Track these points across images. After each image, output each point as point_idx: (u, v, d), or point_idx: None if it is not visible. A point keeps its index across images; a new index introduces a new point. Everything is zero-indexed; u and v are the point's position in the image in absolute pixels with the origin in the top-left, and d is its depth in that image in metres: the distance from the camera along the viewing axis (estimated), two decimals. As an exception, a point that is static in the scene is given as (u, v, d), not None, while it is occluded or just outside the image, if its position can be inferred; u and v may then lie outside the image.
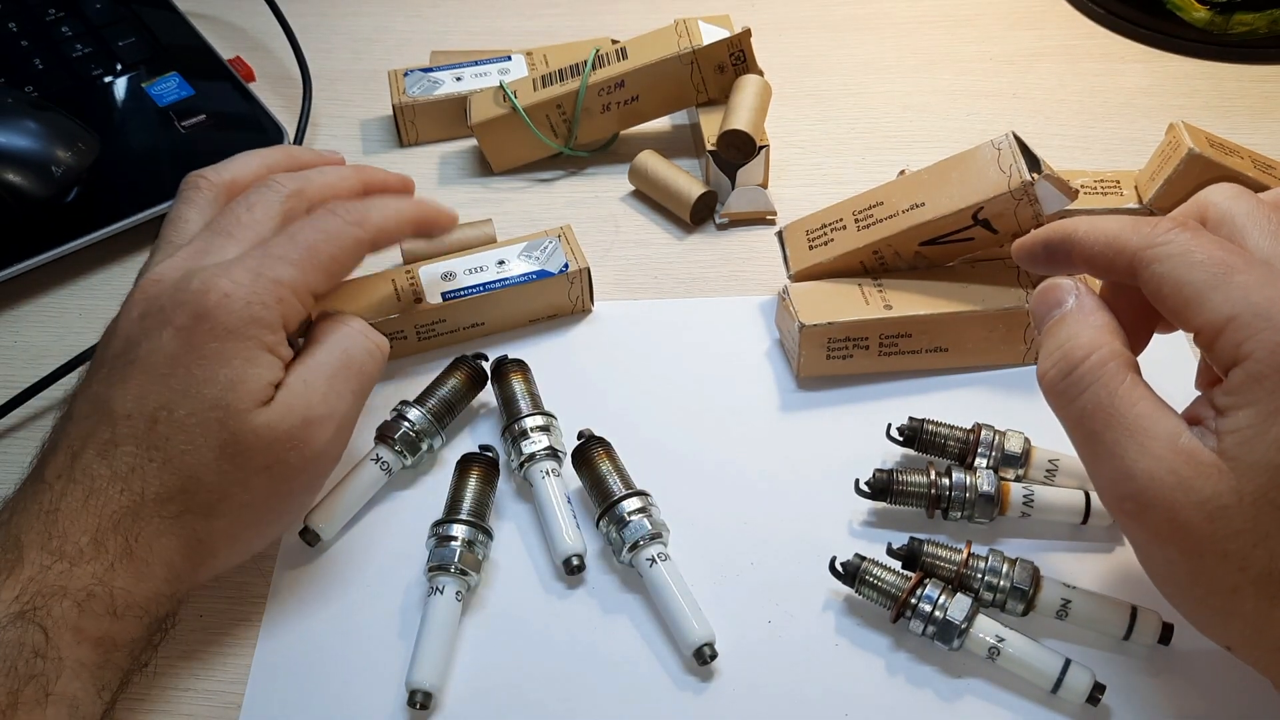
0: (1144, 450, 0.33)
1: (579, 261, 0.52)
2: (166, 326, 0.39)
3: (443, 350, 0.51)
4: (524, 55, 0.64)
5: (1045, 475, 0.45)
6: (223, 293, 0.39)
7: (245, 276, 0.40)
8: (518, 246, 0.52)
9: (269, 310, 0.40)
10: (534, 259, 0.51)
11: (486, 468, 0.45)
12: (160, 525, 0.38)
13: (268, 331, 0.40)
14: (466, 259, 0.52)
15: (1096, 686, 0.38)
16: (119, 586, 0.37)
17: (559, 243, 0.52)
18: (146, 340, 0.39)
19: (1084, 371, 0.35)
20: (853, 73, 0.67)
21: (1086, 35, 0.70)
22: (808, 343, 0.48)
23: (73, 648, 0.35)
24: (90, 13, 0.67)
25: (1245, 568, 0.32)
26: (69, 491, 0.37)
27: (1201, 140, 0.50)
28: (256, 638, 0.42)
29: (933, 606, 0.40)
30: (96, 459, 0.38)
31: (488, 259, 0.52)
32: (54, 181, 0.55)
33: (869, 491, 0.44)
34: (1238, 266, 0.33)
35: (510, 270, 0.51)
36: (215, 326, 0.39)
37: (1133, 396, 0.34)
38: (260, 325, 0.40)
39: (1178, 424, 0.33)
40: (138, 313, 0.41)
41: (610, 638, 0.42)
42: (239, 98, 0.63)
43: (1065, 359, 0.35)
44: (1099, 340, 0.35)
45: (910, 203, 0.50)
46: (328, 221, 0.43)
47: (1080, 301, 0.36)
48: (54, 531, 0.37)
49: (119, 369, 0.39)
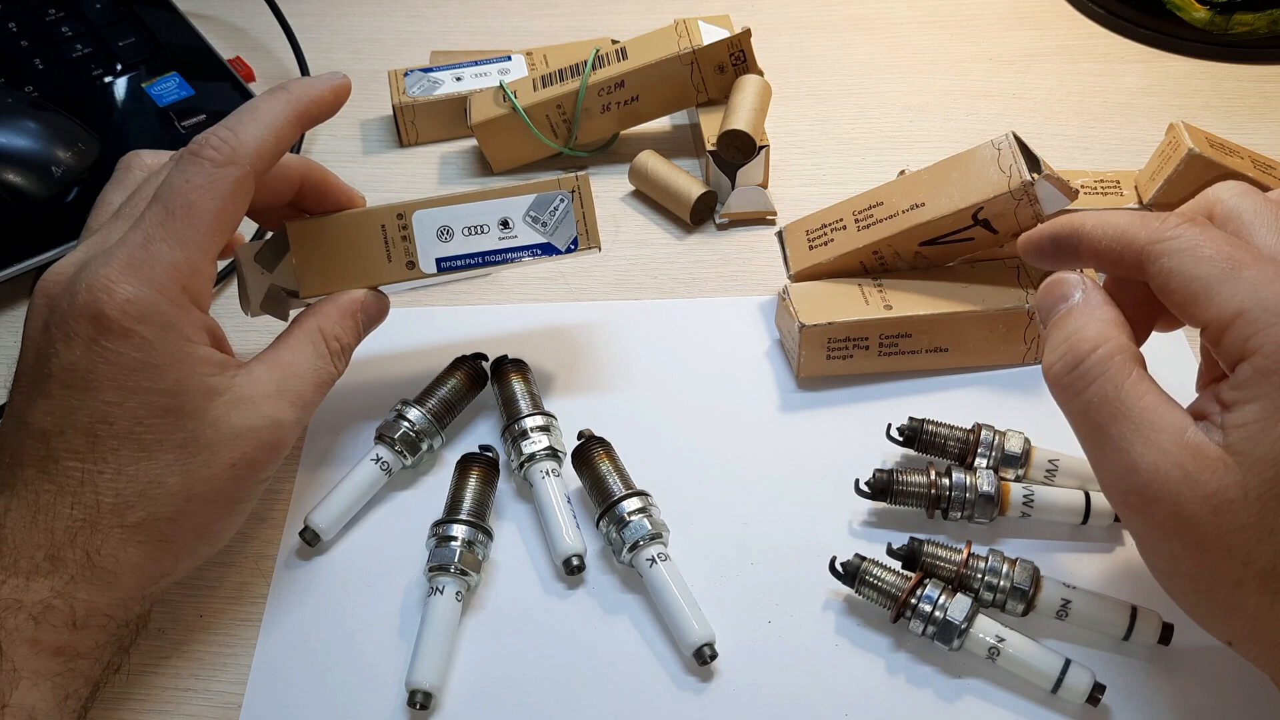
0: (1150, 443, 0.33)
1: (591, 236, 0.46)
2: (74, 339, 0.37)
3: (430, 308, 0.49)
4: (524, 55, 0.64)
5: (1045, 475, 0.45)
6: (122, 299, 0.36)
7: (135, 275, 0.37)
8: (525, 200, 0.46)
9: (174, 304, 0.37)
10: (541, 224, 0.46)
11: (486, 468, 0.45)
12: (123, 534, 0.37)
13: (184, 324, 0.38)
14: (466, 210, 0.46)
15: (1096, 686, 0.38)
16: (80, 598, 0.36)
17: (570, 203, 0.46)
18: (56, 356, 0.37)
19: (1090, 365, 0.34)
20: (853, 73, 0.67)
21: (1086, 35, 0.70)
22: (808, 343, 0.48)
23: (30, 659, 0.35)
24: (90, 13, 0.67)
25: (1249, 562, 0.32)
26: (13, 507, 0.36)
27: (1201, 140, 0.50)
28: (256, 638, 0.42)
29: (933, 606, 0.40)
30: (37, 475, 0.36)
31: (490, 214, 0.46)
32: (54, 181, 0.55)
33: (869, 491, 0.44)
34: (1246, 262, 0.33)
35: (514, 239, 0.46)
36: (128, 337, 0.37)
37: (1139, 390, 0.34)
38: (173, 326, 0.37)
39: (1184, 418, 0.33)
40: (41, 321, 0.38)
41: (610, 638, 0.42)
42: (239, 98, 0.63)
43: (1072, 352, 0.35)
44: (1106, 334, 0.35)
45: (910, 203, 0.50)
46: (194, 171, 0.38)
47: (1087, 296, 0.36)
48: (4, 549, 0.35)
49: (37, 384, 0.37)
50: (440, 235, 0.46)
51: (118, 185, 0.42)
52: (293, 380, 0.41)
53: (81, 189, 0.57)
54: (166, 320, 0.37)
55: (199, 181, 0.38)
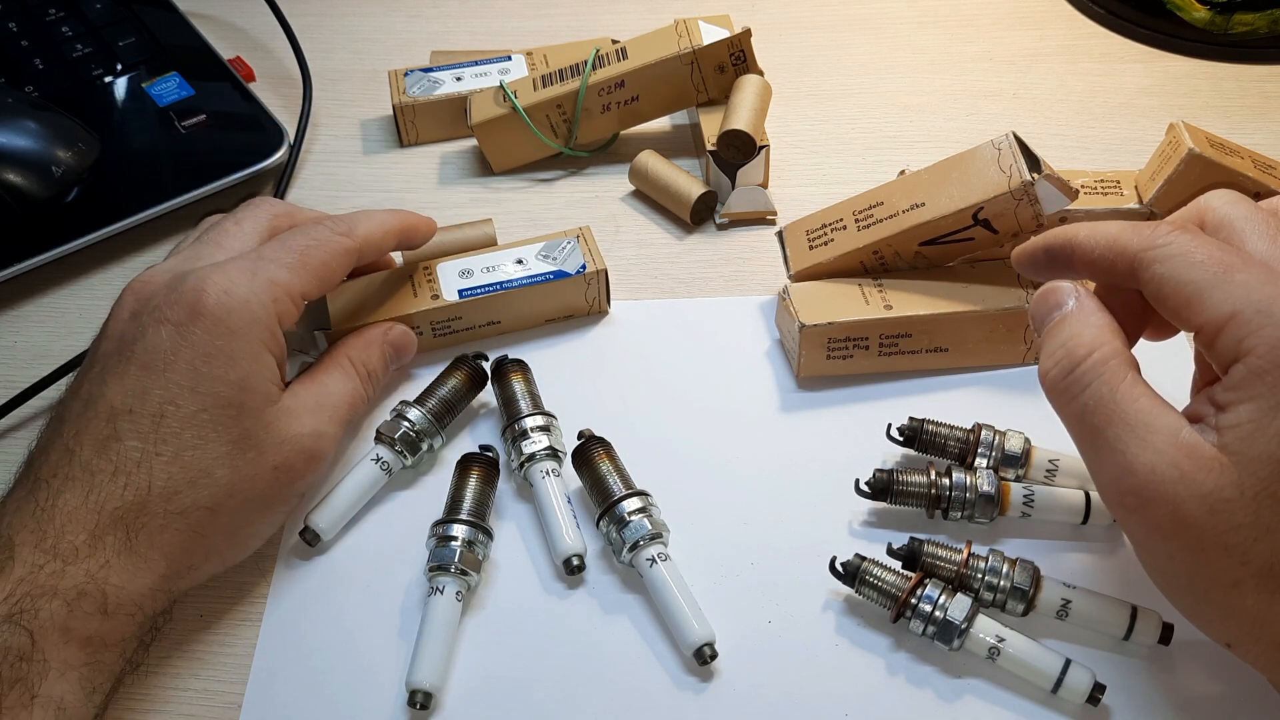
0: (1145, 445, 0.33)
1: (596, 263, 0.52)
2: (163, 323, 0.40)
3: (457, 349, 0.51)
4: (524, 55, 0.64)
5: (1045, 475, 0.45)
6: (221, 290, 0.40)
7: (241, 276, 0.41)
8: (536, 246, 0.52)
9: (266, 310, 0.41)
10: (552, 259, 0.51)
11: (487, 468, 0.45)
12: (164, 519, 0.38)
13: (267, 331, 0.41)
14: (483, 257, 0.52)
15: (1097, 686, 0.38)
16: (113, 584, 0.37)
17: (577, 244, 0.52)
18: (142, 338, 0.40)
19: (1086, 369, 0.35)
20: (853, 73, 0.67)
21: (1086, 35, 0.70)
22: (808, 343, 0.48)
23: (59, 649, 0.35)
24: (90, 13, 0.67)
25: (1247, 561, 0.32)
26: (66, 489, 0.37)
27: (1201, 140, 0.50)
28: (256, 638, 0.42)
29: (933, 606, 0.40)
30: (96, 455, 0.38)
31: (505, 258, 0.52)
32: (54, 181, 0.55)
33: (869, 491, 0.44)
34: (1238, 265, 0.33)
35: (528, 270, 0.51)
36: (216, 325, 0.40)
37: (1134, 393, 0.34)
38: (259, 325, 0.41)
39: (1178, 419, 0.33)
40: (129, 313, 0.41)
41: (610, 638, 0.42)
42: (239, 98, 0.63)
43: (1068, 357, 0.35)
44: (1100, 339, 0.35)
45: (910, 203, 0.50)
46: (316, 230, 0.45)
47: (1081, 302, 0.37)
48: (49, 530, 0.37)
49: (113, 367, 0.39)
50: (461, 275, 0.51)
51: (233, 218, 0.46)
52: (330, 398, 0.44)
53: (81, 189, 0.57)
54: (254, 318, 0.40)
55: (320, 237, 0.44)
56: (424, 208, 0.59)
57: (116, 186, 0.58)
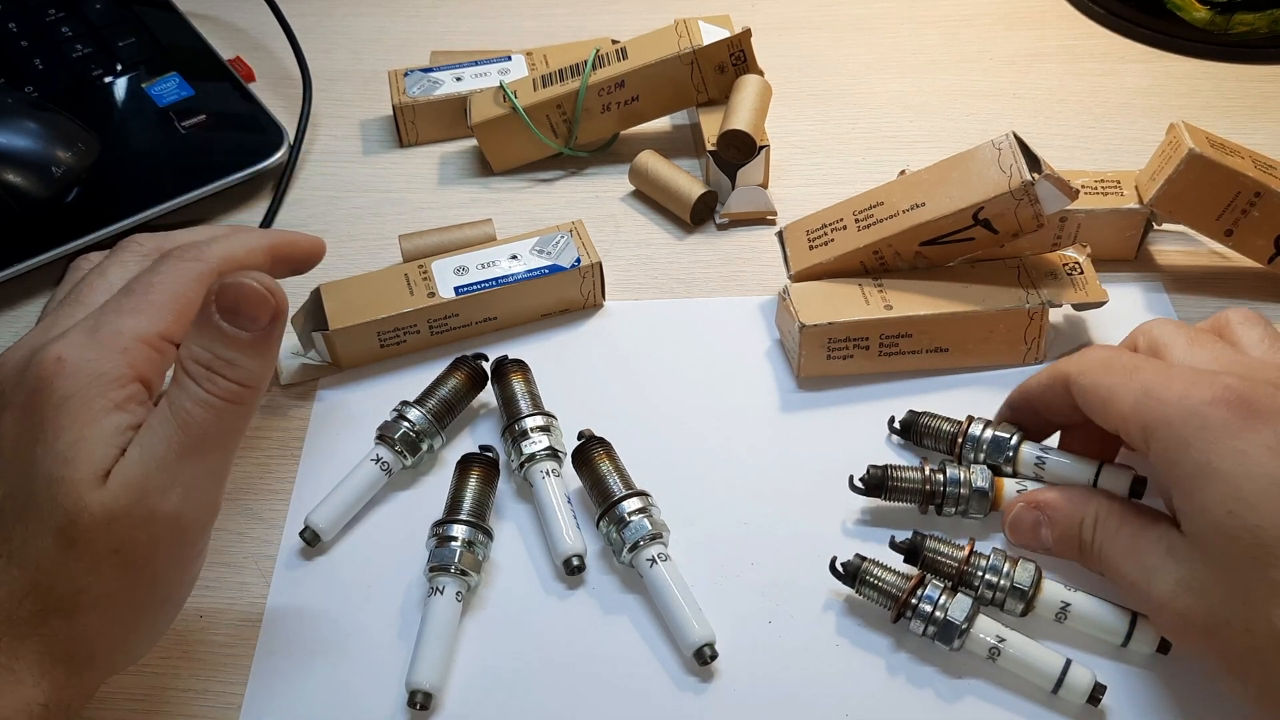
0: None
1: (590, 256, 0.52)
2: (7, 410, 0.36)
3: (455, 346, 0.51)
4: (524, 55, 0.64)
5: (1034, 469, 0.44)
6: (55, 358, 0.35)
7: (79, 337, 0.36)
8: (529, 241, 0.52)
9: (112, 364, 0.36)
10: (546, 254, 0.52)
11: (486, 468, 0.45)
12: (19, 629, 0.34)
13: (114, 387, 0.35)
14: (478, 254, 0.52)
15: (1097, 686, 0.38)
16: None
17: (570, 238, 0.52)
18: None
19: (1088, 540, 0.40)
20: (853, 73, 0.67)
21: (1086, 35, 0.70)
22: (808, 343, 0.48)
23: None
24: (90, 13, 0.67)
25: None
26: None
27: (1202, 140, 0.50)
28: (256, 638, 0.42)
29: (933, 607, 0.40)
30: None
31: (499, 254, 0.52)
32: (54, 181, 0.55)
33: (863, 487, 0.44)
34: (1143, 367, 0.38)
35: (522, 265, 0.51)
36: (52, 396, 0.35)
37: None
38: (104, 382, 0.35)
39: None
40: None
41: (610, 638, 0.42)
42: (239, 98, 0.63)
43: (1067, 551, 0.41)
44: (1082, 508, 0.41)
45: (910, 203, 0.50)
46: (162, 264, 0.39)
47: (1049, 510, 0.42)
48: None
49: None
50: (456, 272, 0.51)
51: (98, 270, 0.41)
52: (149, 449, 0.36)
53: (81, 189, 0.57)
54: (93, 377, 0.35)
55: (165, 270, 0.39)
56: (424, 208, 0.59)
57: (116, 187, 0.58)
